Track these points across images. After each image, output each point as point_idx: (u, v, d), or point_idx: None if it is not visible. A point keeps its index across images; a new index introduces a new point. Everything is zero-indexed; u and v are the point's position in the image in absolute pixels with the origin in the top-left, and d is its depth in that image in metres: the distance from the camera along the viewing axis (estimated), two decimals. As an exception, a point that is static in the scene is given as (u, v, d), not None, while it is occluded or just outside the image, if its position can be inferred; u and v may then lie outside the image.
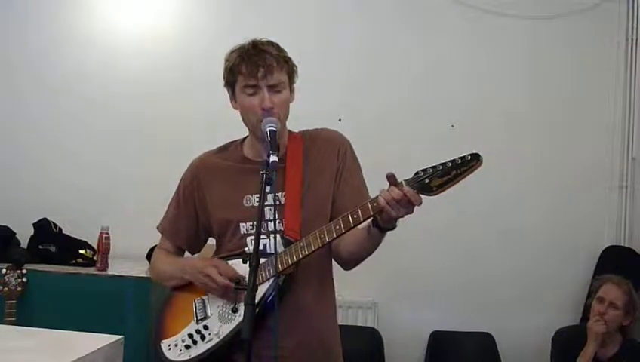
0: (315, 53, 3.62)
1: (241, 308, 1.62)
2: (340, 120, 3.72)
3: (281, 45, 1.93)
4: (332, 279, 2.01)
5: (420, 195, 1.66)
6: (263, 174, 1.65)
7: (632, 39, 3.87)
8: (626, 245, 3.83)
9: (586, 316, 3.61)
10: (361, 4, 3.87)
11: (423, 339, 3.79)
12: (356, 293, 3.58)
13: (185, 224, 2.05)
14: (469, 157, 1.63)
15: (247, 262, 1.65)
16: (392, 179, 1.69)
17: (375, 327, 3.76)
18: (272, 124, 1.80)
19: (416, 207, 1.68)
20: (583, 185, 3.86)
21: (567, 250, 3.83)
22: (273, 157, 1.68)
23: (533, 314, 3.77)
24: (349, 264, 1.95)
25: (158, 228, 2.11)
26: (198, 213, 2.03)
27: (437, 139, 3.82)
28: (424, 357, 3.77)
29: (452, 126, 3.85)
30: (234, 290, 1.85)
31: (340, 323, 2.08)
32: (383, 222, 1.73)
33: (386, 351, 3.71)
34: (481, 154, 1.63)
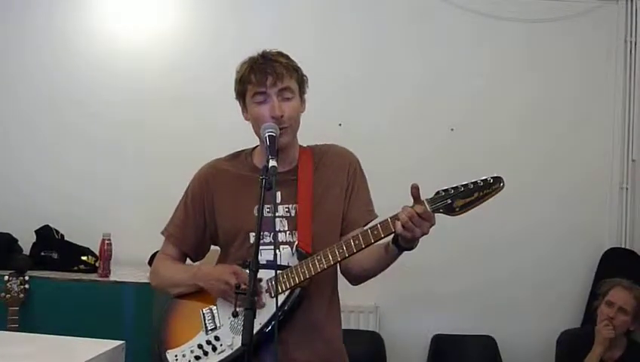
0: (315, 58, 3.61)
1: (256, 317, 1.62)
2: (340, 125, 3.75)
3: (283, 51, 1.94)
4: (338, 291, 2.02)
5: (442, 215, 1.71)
6: (262, 179, 1.66)
7: (631, 41, 3.88)
8: (627, 247, 3.83)
9: (588, 318, 3.61)
10: (360, 8, 3.88)
11: (424, 343, 3.78)
12: (358, 297, 3.58)
13: (192, 230, 2.03)
14: (492, 180, 1.69)
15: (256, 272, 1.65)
16: (415, 191, 1.71)
17: (377, 331, 3.76)
18: (271, 129, 1.81)
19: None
20: (583, 188, 3.86)
21: (568, 253, 3.83)
22: (272, 163, 1.69)
23: (535, 316, 3.77)
24: (359, 280, 1.97)
25: (163, 233, 2.08)
26: (206, 219, 2.01)
27: (437, 143, 3.83)
28: (426, 360, 3.76)
29: (452, 129, 3.85)
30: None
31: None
32: (404, 241, 1.74)
33: (388, 355, 3.71)
34: (502, 177, 1.68)
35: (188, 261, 2.11)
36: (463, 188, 1.70)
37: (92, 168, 3.82)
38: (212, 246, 2.10)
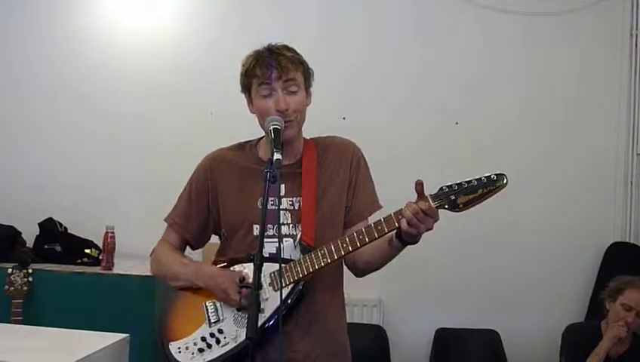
0: (319, 52, 3.60)
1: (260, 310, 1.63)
2: (344, 118, 3.74)
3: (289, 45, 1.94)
4: (342, 284, 2.02)
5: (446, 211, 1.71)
6: (266, 172, 1.65)
7: (636, 35, 3.85)
8: (632, 241, 3.82)
9: (592, 312, 3.61)
10: (363, 2, 3.86)
11: (428, 337, 3.78)
12: (361, 291, 3.57)
13: (195, 218, 2.03)
14: (495, 176, 1.70)
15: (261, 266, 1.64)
16: (420, 186, 1.72)
17: (380, 325, 3.76)
18: (276, 122, 1.80)
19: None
20: (588, 182, 3.84)
21: (572, 247, 3.82)
22: (277, 156, 1.68)
23: (539, 310, 3.76)
24: (363, 272, 1.98)
25: (165, 220, 2.08)
26: (210, 208, 2.01)
27: (441, 137, 3.82)
28: (429, 354, 3.77)
29: (456, 123, 3.84)
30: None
31: (344, 320, 2.09)
32: (407, 236, 1.74)
33: (392, 348, 3.71)
34: (505, 174, 1.68)
35: (188, 249, 2.10)
36: (466, 185, 1.70)
37: (95, 161, 3.84)
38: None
